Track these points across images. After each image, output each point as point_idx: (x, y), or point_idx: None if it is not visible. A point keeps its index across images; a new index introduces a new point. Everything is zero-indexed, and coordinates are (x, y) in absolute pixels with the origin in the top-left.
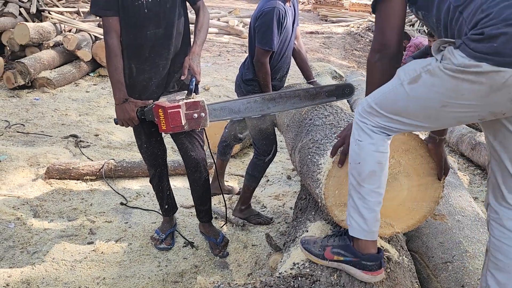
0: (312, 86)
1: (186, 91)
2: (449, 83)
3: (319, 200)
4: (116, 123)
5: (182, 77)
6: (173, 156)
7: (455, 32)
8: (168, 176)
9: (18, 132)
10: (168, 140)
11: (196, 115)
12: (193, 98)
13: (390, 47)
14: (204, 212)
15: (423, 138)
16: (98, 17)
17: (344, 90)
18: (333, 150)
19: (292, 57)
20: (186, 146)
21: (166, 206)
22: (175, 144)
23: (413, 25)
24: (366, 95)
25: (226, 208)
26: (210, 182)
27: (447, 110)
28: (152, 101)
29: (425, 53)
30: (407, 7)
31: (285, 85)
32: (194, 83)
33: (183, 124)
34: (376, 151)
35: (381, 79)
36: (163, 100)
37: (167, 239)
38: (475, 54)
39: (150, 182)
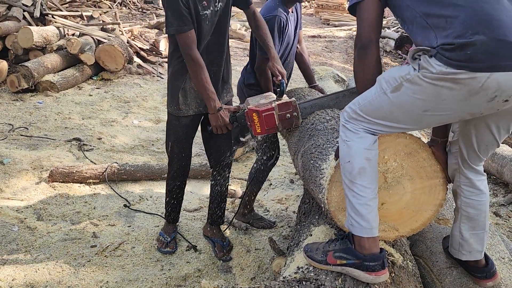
0: None
1: (268, 93)
2: (429, 90)
3: (322, 205)
4: (211, 132)
5: (279, 79)
6: None
7: (421, 36)
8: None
9: (21, 135)
10: None
11: (289, 115)
12: (283, 99)
13: (362, 38)
14: (217, 215)
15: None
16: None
17: None
18: (337, 152)
19: (295, 61)
20: (220, 143)
21: (174, 214)
22: (204, 143)
23: None
24: (357, 91)
25: (236, 213)
26: None
27: (428, 114)
28: (243, 105)
29: None
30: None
31: (287, 89)
32: (284, 84)
33: (277, 125)
34: (364, 148)
35: (362, 72)
36: (253, 103)
37: (172, 242)
38: (451, 62)
39: (169, 188)
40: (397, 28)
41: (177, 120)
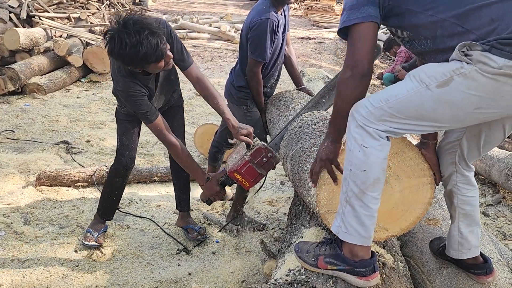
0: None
1: (240, 147)
2: (489, 86)
3: (312, 208)
4: (207, 203)
5: (249, 142)
6: (165, 162)
7: (453, 41)
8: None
9: (8, 138)
10: (161, 146)
11: (265, 159)
12: (253, 147)
13: (362, 66)
14: (185, 201)
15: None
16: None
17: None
18: (314, 177)
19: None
20: (173, 128)
21: (112, 211)
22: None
23: None
24: (334, 109)
25: (230, 217)
26: None
27: (479, 112)
28: (223, 169)
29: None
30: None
31: (275, 92)
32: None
33: (260, 172)
34: (383, 158)
35: (351, 95)
36: (231, 163)
37: (100, 237)
38: None
39: (112, 185)
40: (386, 30)
41: (123, 114)
